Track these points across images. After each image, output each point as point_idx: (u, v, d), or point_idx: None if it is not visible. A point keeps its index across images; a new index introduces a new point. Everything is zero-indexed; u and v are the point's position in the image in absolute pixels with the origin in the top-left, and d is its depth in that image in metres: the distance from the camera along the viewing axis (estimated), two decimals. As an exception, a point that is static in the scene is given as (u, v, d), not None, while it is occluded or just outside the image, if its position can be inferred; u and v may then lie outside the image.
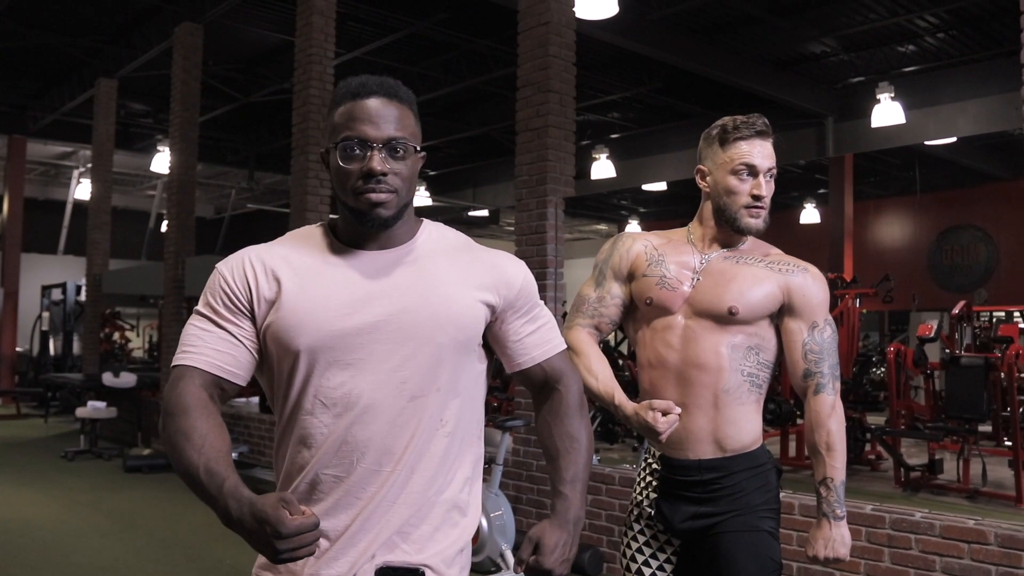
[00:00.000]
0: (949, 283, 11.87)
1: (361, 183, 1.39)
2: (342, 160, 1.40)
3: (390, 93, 1.43)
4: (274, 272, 1.44)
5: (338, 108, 1.43)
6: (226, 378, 1.42)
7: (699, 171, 2.13)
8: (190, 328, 1.45)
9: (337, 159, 1.41)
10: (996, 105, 9.10)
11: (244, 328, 1.43)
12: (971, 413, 6.48)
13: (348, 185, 1.40)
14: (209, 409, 1.38)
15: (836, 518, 2.02)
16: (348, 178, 1.40)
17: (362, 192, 1.39)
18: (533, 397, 1.64)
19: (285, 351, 1.41)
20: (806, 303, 2.04)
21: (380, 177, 1.39)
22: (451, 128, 12.48)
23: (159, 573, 4.71)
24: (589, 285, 2.19)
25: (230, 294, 1.44)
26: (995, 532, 3.34)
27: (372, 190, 1.39)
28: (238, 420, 8.16)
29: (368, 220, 1.41)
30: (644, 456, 2.20)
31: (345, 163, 1.40)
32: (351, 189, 1.40)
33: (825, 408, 2.02)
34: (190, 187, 9.42)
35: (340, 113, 1.42)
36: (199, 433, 1.33)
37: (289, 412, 1.43)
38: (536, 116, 5.18)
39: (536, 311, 1.57)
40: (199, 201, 16.75)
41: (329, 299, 1.41)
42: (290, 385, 1.42)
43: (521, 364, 1.56)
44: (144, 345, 19.18)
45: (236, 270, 1.45)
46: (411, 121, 1.45)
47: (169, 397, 1.39)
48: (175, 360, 1.43)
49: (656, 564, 2.12)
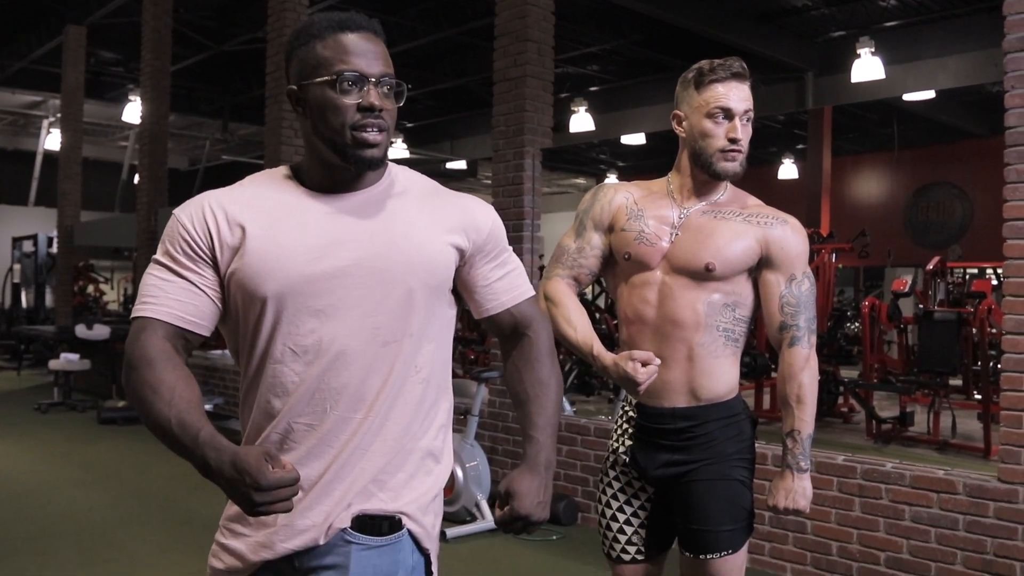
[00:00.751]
0: (924, 239, 11.96)
1: (360, 117, 1.33)
2: (340, 93, 1.33)
3: (376, 30, 1.39)
4: (237, 218, 1.38)
5: (320, 41, 1.35)
6: (189, 329, 1.37)
7: (675, 116, 2.09)
8: (149, 278, 1.38)
9: (331, 93, 1.33)
10: (976, 61, 9.09)
11: (206, 277, 1.38)
12: (943, 367, 6.57)
13: (341, 121, 1.34)
14: (174, 360, 1.33)
15: (800, 470, 2.02)
16: (343, 113, 1.33)
17: (360, 128, 1.34)
18: (501, 344, 1.61)
19: (251, 299, 1.36)
20: (784, 255, 2.02)
21: (379, 112, 1.34)
22: (428, 79, 12.32)
23: (134, 524, 4.71)
24: (569, 236, 2.16)
25: (190, 241, 1.37)
26: (964, 482, 3.39)
27: (369, 126, 1.34)
28: (213, 372, 8.13)
29: (359, 160, 1.36)
30: (621, 404, 2.20)
31: (343, 96, 1.33)
32: (349, 125, 1.34)
33: (799, 361, 2.02)
34: (162, 138, 9.26)
35: (327, 46, 1.34)
36: (166, 385, 1.29)
37: (257, 362, 1.40)
38: (514, 66, 5.11)
39: (504, 256, 1.54)
40: (172, 152, 16.48)
41: (297, 244, 1.36)
42: (257, 334, 1.38)
43: (490, 310, 1.53)
44: (119, 298, 19.02)
45: (196, 216, 1.39)
46: (391, 61, 1.40)
47: (131, 350, 1.34)
48: (135, 312, 1.37)
49: (630, 510, 2.13)
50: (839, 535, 3.72)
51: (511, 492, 1.45)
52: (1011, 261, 3.25)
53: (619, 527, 2.13)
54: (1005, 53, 3.26)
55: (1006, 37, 3.25)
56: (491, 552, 4.21)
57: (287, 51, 1.42)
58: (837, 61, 10.05)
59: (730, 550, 2.03)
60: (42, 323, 12.98)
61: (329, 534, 1.36)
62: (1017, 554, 3.23)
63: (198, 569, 3.99)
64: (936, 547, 3.44)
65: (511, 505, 1.45)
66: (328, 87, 1.34)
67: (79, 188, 11.08)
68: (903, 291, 7.02)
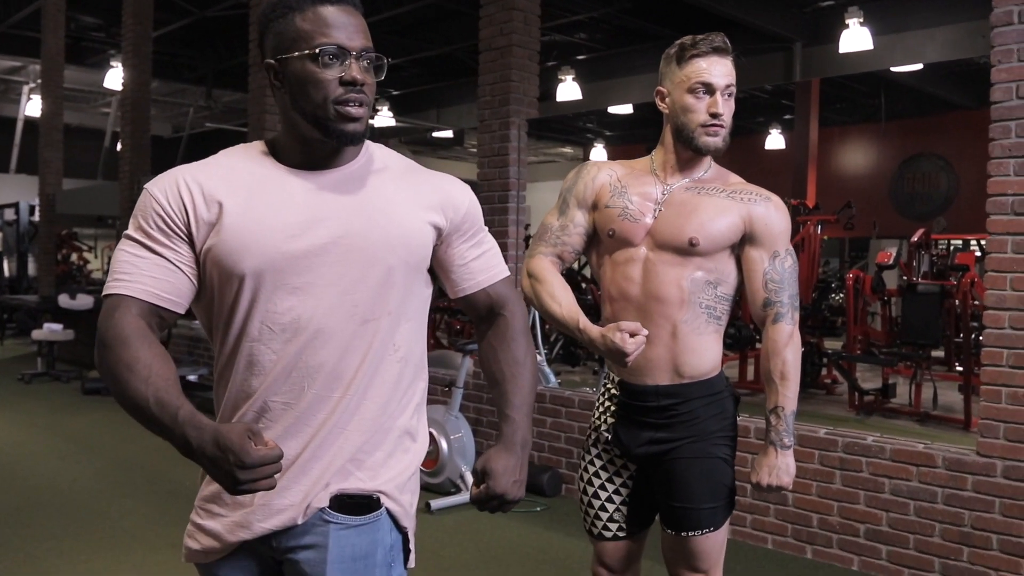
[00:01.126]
0: (910, 211, 11.99)
1: (342, 91, 1.31)
2: (321, 67, 1.31)
3: (355, 2, 1.36)
4: (213, 193, 1.35)
5: (298, 13, 1.32)
6: (164, 307, 1.35)
7: (658, 92, 2.08)
8: (121, 254, 1.35)
9: (311, 67, 1.31)
10: (964, 32, 9.05)
11: (181, 253, 1.35)
12: (925, 339, 6.62)
13: (323, 96, 1.31)
14: (149, 338, 1.31)
15: (783, 447, 2.03)
16: (324, 87, 1.31)
17: (342, 103, 1.32)
18: (476, 324, 1.61)
19: (228, 275, 1.34)
20: (768, 232, 2.02)
21: (360, 87, 1.32)
22: (413, 47, 12.18)
23: (118, 496, 4.70)
24: (552, 214, 2.16)
25: (164, 217, 1.35)
26: (943, 456, 3.42)
27: (351, 101, 1.32)
28: (197, 343, 8.11)
29: (341, 135, 1.34)
30: (604, 382, 2.20)
31: (324, 70, 1.31)
32: (330, 100, 1.31)
33: (782, 337, 2.02)
34: (144, 105, 9.14)
35: (305, 19, 1.32)
36: (143, 363, 1.27)
37: (233, 340, 1.38)
38: (500, 35, 5.05)
39: (481, 236, 1.53)
40: (156, 119, 16.29)
41: (275, 220, 1.34)
42: (234, 311, 1.36)
43: (466, 289, 1.52)
44: (103, 266, 18.90)
45: (170, 191, 1.36)
46: (370, 34, 1.38)
47: (105, 328, 1.31)
48: (107, 289, 1.35)
49: (612, 488, 2.14)
50: (820, 507, 3.76)
51: (487, 471, 1.46)
52: (994, 236, 3.25)
53: (601, 504, 2.14)
54: (992, 27, 3.25)
55: (993, 11, 3.24)
56: (475, 524, 4.23)
57: (261, 23, 1.38)
58: (825, 31, 9.99)
59: (712, 527, 2.04)
60: (25, 292, 12.88)
61: (307, 514, 1.36)
62: (994, 527, 3.27)
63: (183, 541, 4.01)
64: (915, 519, 3.48)
65: (487, 484, 1.45)
66: (309, 60, 1.32)
67: (61, 156, 10.95)
68: (887, 263, 7.05)
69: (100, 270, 18.59)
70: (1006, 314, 3.22)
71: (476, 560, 3.83)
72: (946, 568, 3.40)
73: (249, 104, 7.28)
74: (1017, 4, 3.18)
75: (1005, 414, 3.23)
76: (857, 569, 3.65)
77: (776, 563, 3.78)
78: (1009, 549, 3.24)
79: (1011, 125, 3.20)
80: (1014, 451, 3.21)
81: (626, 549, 2.17)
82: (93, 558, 3.75)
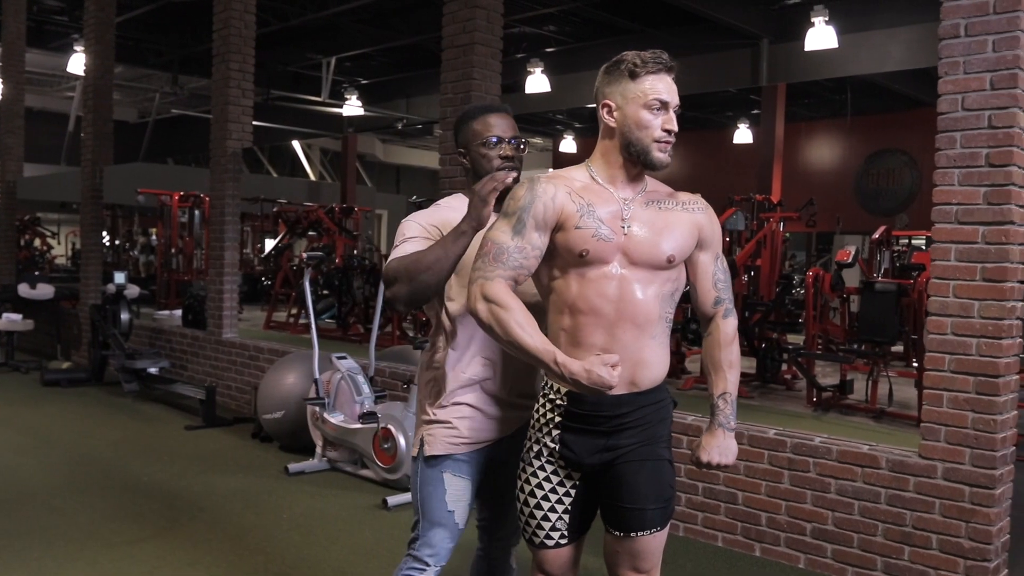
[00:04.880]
0: (874, 206, 12.13)
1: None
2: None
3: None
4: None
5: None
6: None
7: (606, 105, 2.09)
8: None
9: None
10: (927, 32, 9.11)
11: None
12: (882, 337, 6.72)
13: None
14: None
15: (730, 429, 2.14)
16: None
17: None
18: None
19: None
20: (713, 236, 2.15)
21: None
22: (382, 37, 12.14)
23: (75, 490, 4.68)
24: (505, 232, 2.05)
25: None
26: (886, 457, 3.50)
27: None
28: (159, 334, 8.05)
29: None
30: (544, 392, 2.20)
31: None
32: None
33: (732, 330, 2.16)
34: (107, 91, 9.03)
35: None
36: None
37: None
38: (462, 32, 5.05)
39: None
40: (121, 104, 16.10)
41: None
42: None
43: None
44: (67, 252, 18.66)
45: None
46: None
47: None
48: None
49: (555, 497, 2.16)
50: (768, 506, 3.83)
51: None
52: (938, 244, 3.32)
53: (543, 514, 2.16)
54: (940, 39, 3.31)
55: (941, 23, 3.30)
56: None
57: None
58: (792, 29, 10.07)
59: (659, 527, 2.10)
60: (-15, 280, 12.69)
61: None
62: (934, 527, 3.35)
63: (139, 537, 4.00)
64: (859, 519, 3.56)
65: None
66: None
67: (22, 143, 10.80)
68: (846, 262, 7.14)
69: (64, 256, 18.36)
70: (948, 320, 3.29)
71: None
72: (888, 567, 3.48)
73: (212, 94, 7.23)
74: (964, 17, 3.24)
75: (946, 417, 3.31)
76: (803, 567, 3.73)
77: (725, 561, 3.85)
78: (948, 549, 3.32)
79: (956, 136, 3.27)
80: (954, 454, 3.29)
81: (568, 555, 2.20)
82: (45, 555, 3.74)
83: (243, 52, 7.00)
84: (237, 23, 6.95)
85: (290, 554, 3.86)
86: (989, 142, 3.20)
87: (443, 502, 2.25)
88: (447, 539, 2.27)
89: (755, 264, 8.41)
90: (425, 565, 2.26)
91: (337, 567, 3.70)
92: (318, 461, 5.24)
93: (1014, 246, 3.19)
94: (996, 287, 3.19)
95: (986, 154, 3.20)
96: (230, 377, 7.07)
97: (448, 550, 2.29)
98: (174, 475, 4.95)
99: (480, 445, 2.28)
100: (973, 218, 3.24)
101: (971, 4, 3.22)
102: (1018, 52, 3.13)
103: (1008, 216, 3.17)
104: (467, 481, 2.28)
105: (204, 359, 7.39)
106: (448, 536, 2.28)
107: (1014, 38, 3.13)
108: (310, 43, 12.92)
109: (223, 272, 7.08)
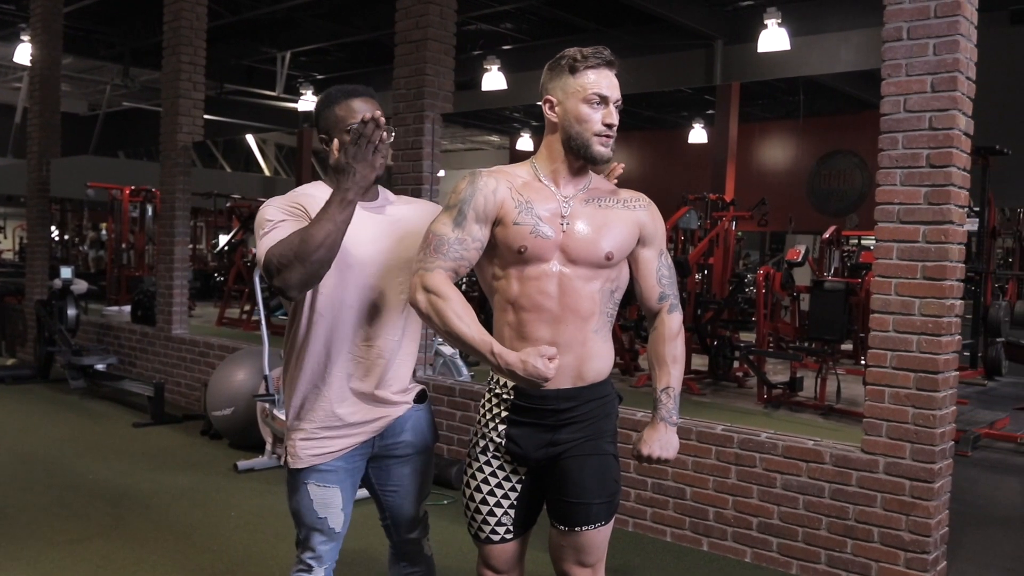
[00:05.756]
0: (826, 207, 12.30)
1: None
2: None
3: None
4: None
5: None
6: None
7: (548, 101, 2.10)
8: None
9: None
10: (877, 35, 9.27)
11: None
12: (832, 335, 6.84)
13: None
14: None
15: (672, 423, 2.15)
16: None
17: None
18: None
19: None
20: (656, 233, 2.17)
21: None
22: (340, 31, 12.04)
23: (18, 489, 4.58)
24: (446, 224, 2.06)
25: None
26: (830, 452, 3.56)
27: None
28: (108, 330, 7.91)
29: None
30: (490, 387, 2.21)
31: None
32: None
33: (677, 326, 2.19)
34: (54, 83, 8.85)
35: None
36: None
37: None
38: (415, 28, 5.04)
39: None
40: (71, 96, 15.77)
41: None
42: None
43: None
44: (14, 247, 18.25)
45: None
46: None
47: None
48: None
49: (501, 492, 2.16)
50: (716, 501, 3.87)
51: None
52: (880, 243, 3.39)
53: (489, 509, 2.17)
54: (883, 41, 3.38)
55: (885, 27, 3.36)
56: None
57: None
58: (745, 31, 10.21)
59: (604, 521, 2.12)
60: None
61: None
62: (876, 520, 3.42)
63: (84, 536, 3.93)
64: (804, 513, 3.62)
65: None
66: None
67: (-34, 134, 10.53)
68: (796, 261, 7.25)
69: (12, 251, 17.95)
70: (890, 318, 3.36)
71: (381, 551, 3.85)
72: (831, 560, 3.55)
73: (162, 86, 7.11)
74: (906, 21, 3.30)
75: (887, 413, 3.37)
76: (750, 561, 3.78)
77: (673, 555, 3.89)
78: (889, 542, 3.39)
79: (899, 137, 3.34)
80: (895, 448, 3.36)
81: (513, 550, 2.21)
82: (-16, 555, 3.66)
83: (194, 44, 6.90)
84: (188, 15, 6.86)
85: (237, 552, 3.82)
86: (930, 143, 3.27)
87: (312, 511, 2.18)
88: (325, 542, 2.22)
89: (708, 263, 8.50)
90: (309, 568, 2.22)
91: (284, 564, 3.67)
92: (268, 458, 5.19)
93: (953, 245, 3.26)
94: (936, 285, 3.26)
95: (927, 155, 3.27)
96: (179, 374, 6.98)
97: (330, 550, 2.24)
98: (121, 473, 4.87)
99: (344, 451, 2.18)
100: (914, 217, 3.31)
101: (913, 8, 3.28)
102: (958, 56, 3.20)
103: (948, 216, 3.24)
104: (334, 489, 2.19)
105: (153, 355, 7.29)
106: (326, 539, 2.22)
107: (954, 42, 3.20)
108: (265, 37, 12.78)
109: (173, 267, 6.98)
